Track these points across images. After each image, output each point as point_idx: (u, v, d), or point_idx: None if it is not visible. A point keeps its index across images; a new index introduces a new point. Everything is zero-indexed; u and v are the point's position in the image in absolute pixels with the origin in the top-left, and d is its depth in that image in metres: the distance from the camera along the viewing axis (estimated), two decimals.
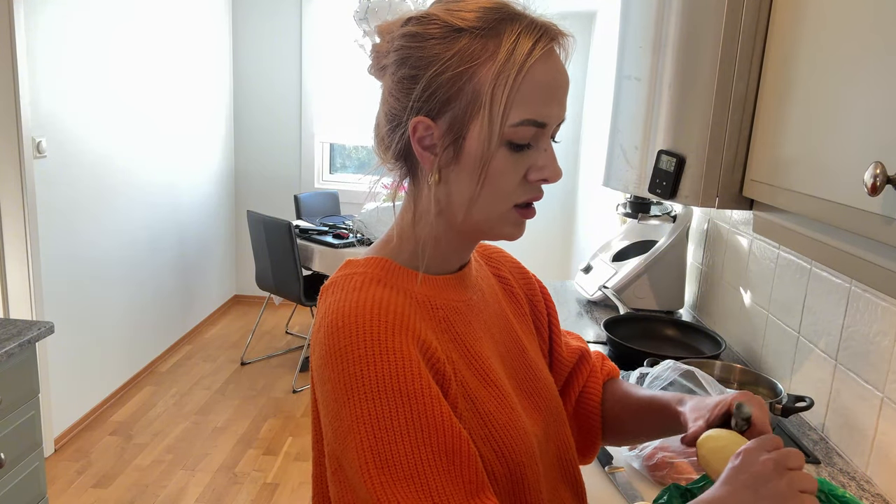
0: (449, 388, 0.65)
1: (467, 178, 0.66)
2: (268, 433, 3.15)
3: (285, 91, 4.75)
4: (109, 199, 3.26)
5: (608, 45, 3.82)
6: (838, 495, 0.76)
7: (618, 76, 1.47)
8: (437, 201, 0.70)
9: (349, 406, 0.60)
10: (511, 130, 0.64)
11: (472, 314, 0.75)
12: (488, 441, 0.67)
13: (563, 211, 4.82)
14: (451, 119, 0.65)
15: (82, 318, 3.07)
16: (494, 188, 0.66)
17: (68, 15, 2.84)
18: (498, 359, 0.76)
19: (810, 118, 0.86)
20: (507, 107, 0.63)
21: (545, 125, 0.66)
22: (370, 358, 0.60)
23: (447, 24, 0.65)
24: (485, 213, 0.68)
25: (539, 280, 0.94)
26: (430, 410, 0.60)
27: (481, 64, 0.63)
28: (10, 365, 1.68)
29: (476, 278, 0.80)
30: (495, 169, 0.65)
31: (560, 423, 0.82)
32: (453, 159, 0.66)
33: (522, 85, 0.63)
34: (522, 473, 0.69)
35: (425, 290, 0.71)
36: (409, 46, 0.66)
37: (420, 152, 0.67)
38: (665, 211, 2.13)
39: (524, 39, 0.63)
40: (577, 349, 0.95)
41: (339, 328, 0.62)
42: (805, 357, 1.45)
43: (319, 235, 3.74)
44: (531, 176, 0.67)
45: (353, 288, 0.66)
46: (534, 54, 0.63)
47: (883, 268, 0.71)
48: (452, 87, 0.64)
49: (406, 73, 0.66)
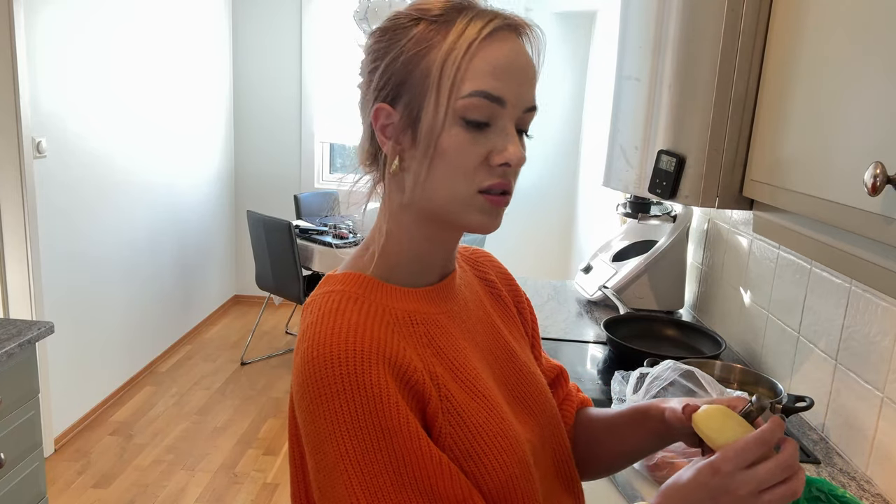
0: (428, 406, 0.65)
1: (420, 159, 0.67)
2: (268, 433, 3.15)
3: (285, 91, 4.75)
4: (109, 199, 3.26)
5: (608, 45, 3.82)
6: (838, 495, 0.76)
7: (618, 76, 1.47)
8: (401, 190, 0.70)
9: (332, 443, 0.60)
10: (462, 103, 0.64)
11: (454, 324, 0.74)
12: (478, 457, 0.66)
13: (563, 211, 4.82)
14: (406, 102, 0.67)
15: (82, 318, 3.07)
16: (450, 167, 0.65)
17: (68, 15, 2.84)
18: (485, 367, 0.75)
19: (810, 118, 0.86)
20: (455, 80, 0.64)
21: (501, 100, 0.64)
22: (348, 393, 0.60)
23: (408, 15, 0.68)
24: (445, 195, 0.67)
25: (524, 292, 0.93)
26: (409, 444, 0.61)
27: (434, 46, 0.65)
28: (10, 365, 1.68)
29: (459, 286, 0.78)
30: (448, 146, 0.65)
31: (555, 424, 0.81)
32: (412, 143, 0.67)
33: (474, 60, 0.64)
34: (515, 485, 0.68)
35: (404, 304, 0.70)
36: (373, 42, 0.70)
37: (382, 140, 0.69)
38: (665, 211, 2.13)
39: (477, 21, 0.65)
40: (556, 366, 0.94)
41: (314, 358, 0.62)
42: (805, 357, 1.45)
43: (319, 235, 3.74)
44: (493, 159, 0.65)
45: (330, 310, 0.66)
46: (483, 31, 0.64)
47: (883, 268, 0.71)
48: (405, 70, 0.66)
49: (369, 67, 0.70)
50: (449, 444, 0.65)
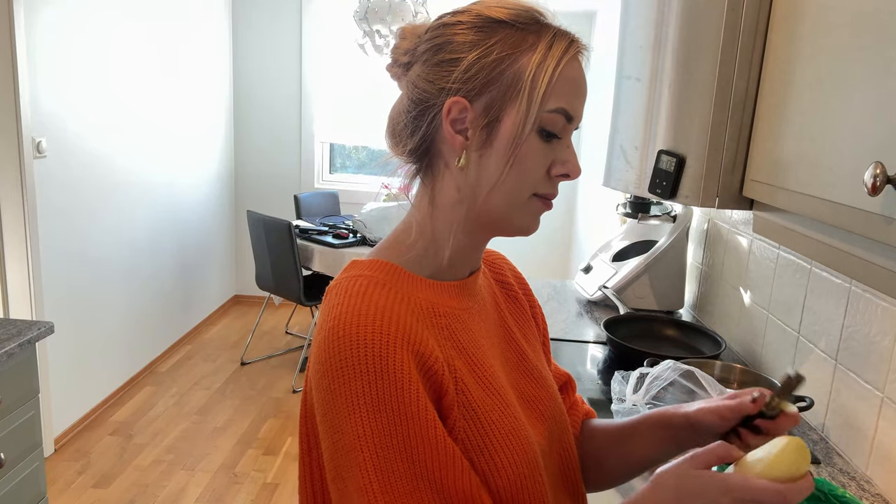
0: (444, 397, 0.65)
1: (496, 161, 0.68)
2: (268, 433, 3.15)
3: (285, 91, 4.76)
4: (109, 199, 3.26)
5: (608, 45, 3.82)
6: (838, 495, 0.76)
7: (618, 76, 1.47)
8: (458, 188, 0.70)
9: (351, 423, 0.60)
10: (546, 116, 0.67)
11: (473, 322, 0.74)
12: (490, 453, 0.66)
13: (563, 211, 4.82)
14: (487, 101, 0.67)
15: (82, 318, 3.07)
16: (521, 173, 0.68)
17: (68, 15, 2.84)
18: (499, 367, 0.75)
19: (810, 118, 0.86)
20: (546, 93, 0.66)
21: (573, 119, 0.69)
22: (371, 375, 0.60)
23: (486, 15, 0.68)
24: (508, 198, 0.69)
25: (537, 299, 0.93)
26: (425, 433, 0.61)
27: (522, 53, 0.67)
28: (10, 365, 1.68)
29: (479, 286, 0.79)
30: (525, 154, 0.67)
31: (563, 430, 0.81)
32: (485, 142, 0.68)
33: (559, 77, 0.67)
34: (524, 485, 0.68)
35: (429, 295, 0.70)
36: (448, 34, 0.69)
37: (451, 134, 0.68)
38: (665, 211, 2.13)
39: (560, 39, 0.68)
40: (563, 374, 0.94)
41: (340, 337, 0.62)
42: (805, 357, 1.45)
43: (319, 235, 3.74)
44: (554, 170, 0.70)
45: (357, 292, 0.66)
46: (569, 52, 0.68)
47: (883, 268, 0.71)
48: (494, 70, 0.67)
49: (444, 57, 0.68)
50: (461, 438, 0.66)
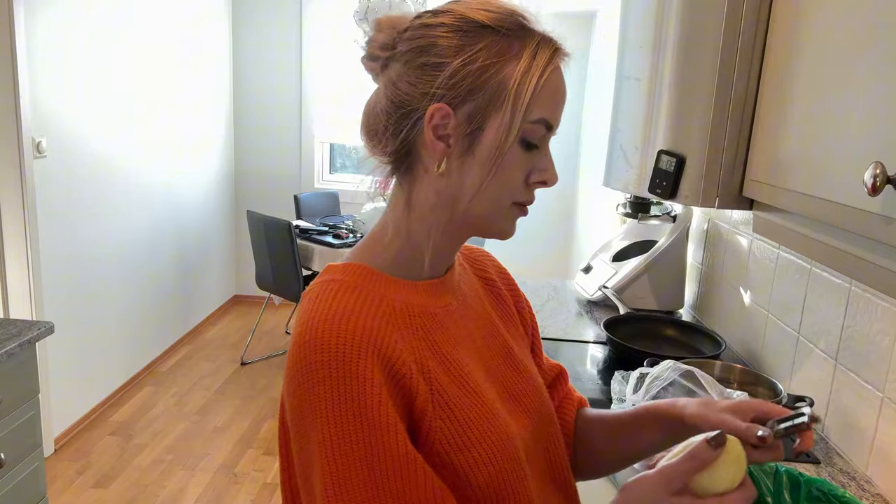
0: (416, 399, 0.65)
1: (478, 170, 0.68)
2: (268, 433, 3.15)
3: (285, 91, 4.75)
4: (109, 199, 3.26)
5: (608, 45, 3.82)
6: (838, 495, 0.76)
7: (618, 76, 1.47)
8: (437, 192, 0.70)
9: (314, 427, 0.61)
10: (528, 127, 0.67)
11: (451, 320, 0.74)
12: (468, 450, 0.67)
13: (563, 211, 4.82)
14: (471, 110, 0.67)
15: (82, 318, 3.07)
16: (502, 182, 0.68)
17: (68, 15, 2.84)
18: (480, 364, 0.75)
19: (810, 118, 0.86)
20: (529, 104, 0.66)
21: (552, 128, 0.70)
22: (333, 381, 0.61)
23: (469, 18, 0.67)
24: (487, 205, 0.70)
25: (522, 293, 0.93)
26: (385, 439, 0.61)
27: (507, 61, 0.67)
28: (10, 365, 1.68)
29: (458, 282, 0.79)
30: (507, 163, 0.68)
31: (549, 423, 0.81)
32: (467, 150, 0.67)
33: (543, 87, 0.67)
34: (505, 480, 0.68)
35: (404, 296, 0.70)
36: (431, 35, 0.67)
37: (432, 140, 0.68)
38: (665, 211, 2.13)
39: (545, 48, 0.68)
40: (556, 365, 0.94)
41: (306, 342, 0.63)
42: (805, 357, 1.45)
43: (319, 235, 3.74)
44: (532, 177, 0.70)
45: (326, 297, 0.66)
46: (553, 62, 0.68)
47: (883, 268, 0.71)
48: (479, 79, 0.66)
49: (428, 61, 0.67)
50: (439, 438, 0.66)
